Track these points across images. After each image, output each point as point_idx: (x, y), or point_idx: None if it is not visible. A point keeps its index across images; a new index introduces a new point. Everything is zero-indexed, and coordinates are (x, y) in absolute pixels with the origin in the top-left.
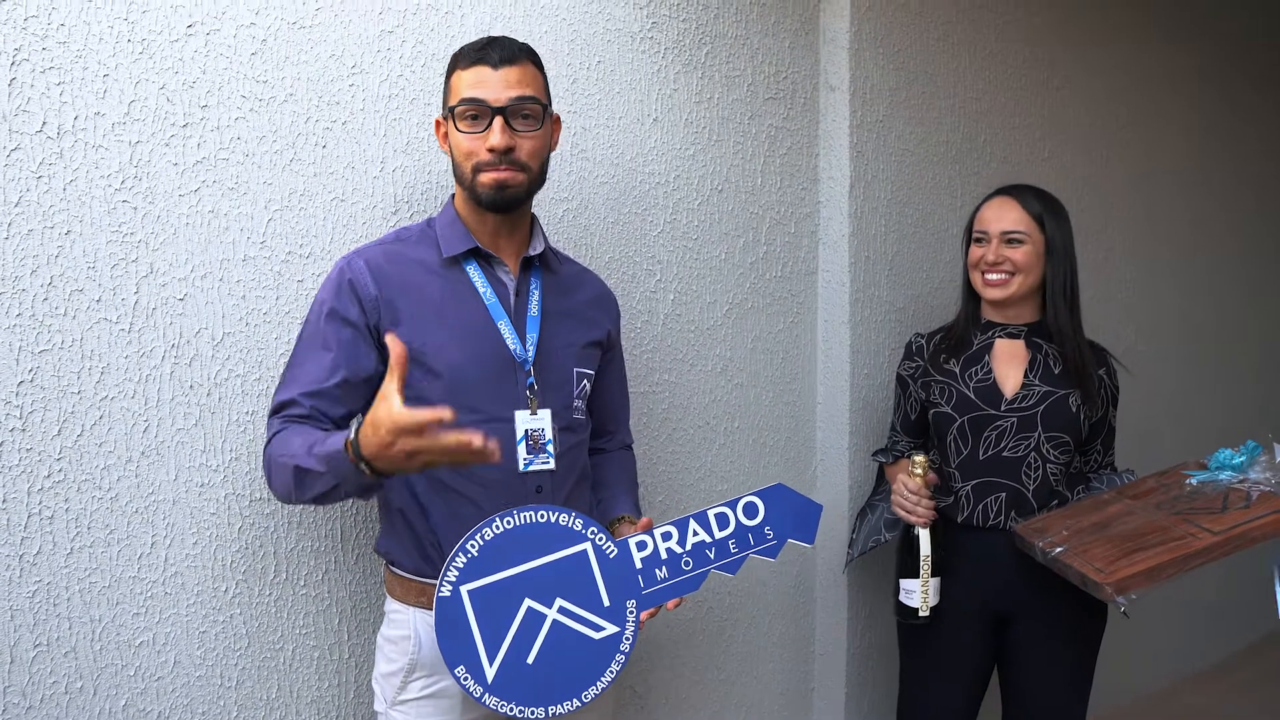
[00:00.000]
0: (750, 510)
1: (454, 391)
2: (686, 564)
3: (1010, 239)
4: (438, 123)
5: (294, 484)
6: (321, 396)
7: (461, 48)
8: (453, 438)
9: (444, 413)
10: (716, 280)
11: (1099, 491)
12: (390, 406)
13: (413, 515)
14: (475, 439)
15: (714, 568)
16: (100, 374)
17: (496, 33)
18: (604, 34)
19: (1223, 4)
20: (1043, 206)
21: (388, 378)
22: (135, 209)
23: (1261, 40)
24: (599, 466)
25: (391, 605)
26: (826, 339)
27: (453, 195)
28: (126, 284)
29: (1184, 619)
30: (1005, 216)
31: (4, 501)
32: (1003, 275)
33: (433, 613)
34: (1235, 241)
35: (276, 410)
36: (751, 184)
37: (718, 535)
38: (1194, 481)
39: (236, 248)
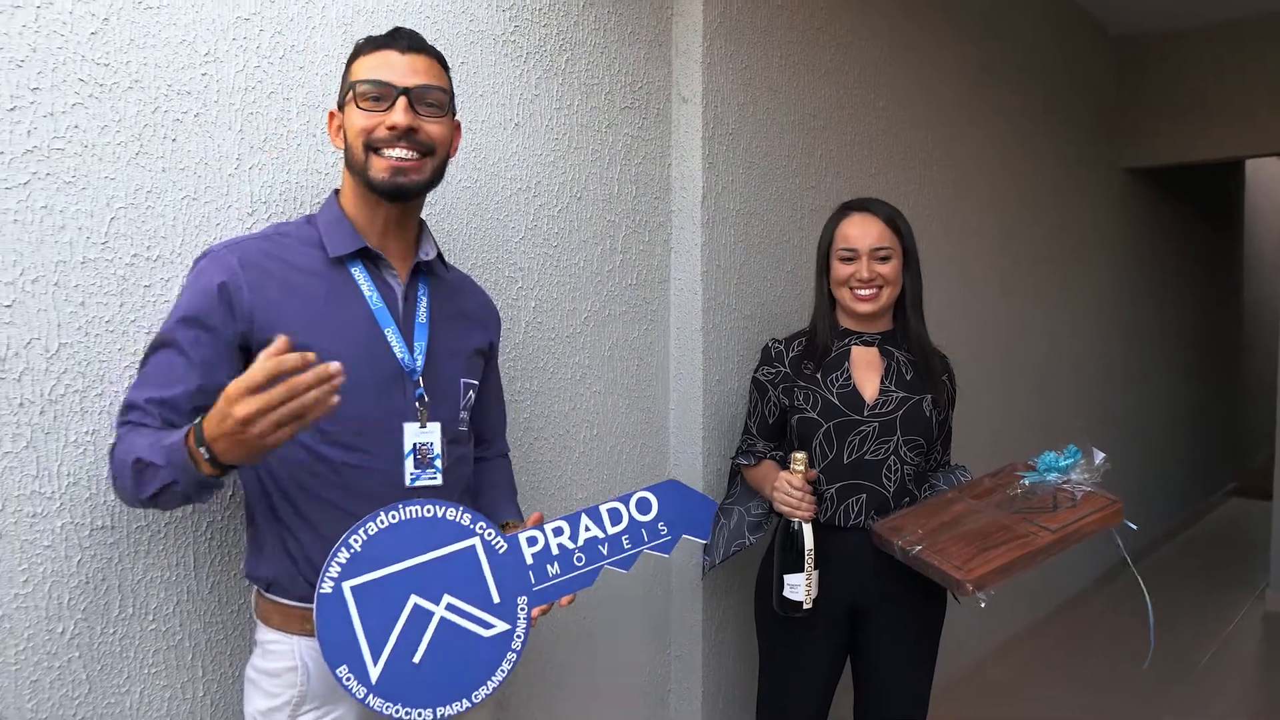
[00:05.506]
0: (643, 506)
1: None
2: (579, 559)
3: (879, 254)
4: (331, 115)
5: (133, 480)
6: (168, 405)
7: (365, 38)
8: (303, 378)
9: (276, 346)
10: (575, 288)
11: (941, 490)
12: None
13: (290, 538)
14: (332, 365)
15: (607, 563)
16: None
17: (359, 26)
18: (467, 35)
19: (1035, 48)
20: (896, 217)
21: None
22: None
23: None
24: (479, 473)
25: (268, 635)
26: (679, 346)
27: (336, 192)
28: None
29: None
30: (871, 233)
31: None
32: (874, 290)
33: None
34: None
35: (123, 412)
36: (609, 192)
37: (610, 531)
38: (1026, 483)
39: (74, 249)
